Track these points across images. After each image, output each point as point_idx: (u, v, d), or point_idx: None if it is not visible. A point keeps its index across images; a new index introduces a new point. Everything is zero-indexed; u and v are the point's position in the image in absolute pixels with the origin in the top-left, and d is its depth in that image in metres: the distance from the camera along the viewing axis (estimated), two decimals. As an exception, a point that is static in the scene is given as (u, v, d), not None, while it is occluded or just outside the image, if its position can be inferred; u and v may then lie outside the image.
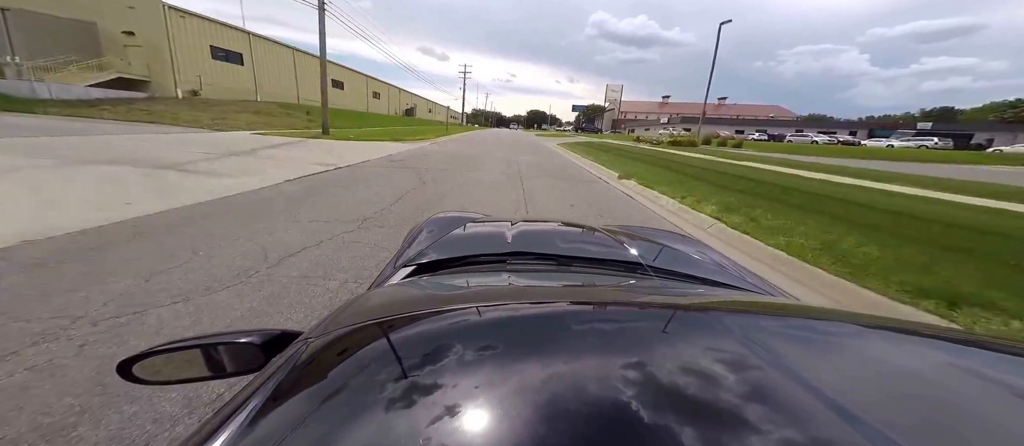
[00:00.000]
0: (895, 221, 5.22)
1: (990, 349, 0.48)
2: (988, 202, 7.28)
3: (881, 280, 3.11)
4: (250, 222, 3.94)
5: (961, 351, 0.48)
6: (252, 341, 0.59)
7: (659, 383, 0.35)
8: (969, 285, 3.00)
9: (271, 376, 0.41)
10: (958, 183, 10.28)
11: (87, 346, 1.86)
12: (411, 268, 0.97)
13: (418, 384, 0.35)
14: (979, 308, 2.64)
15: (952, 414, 0.34)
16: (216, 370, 0.62)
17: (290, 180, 6.35)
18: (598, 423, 0.30)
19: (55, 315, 2.08)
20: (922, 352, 0.45)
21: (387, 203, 5.29)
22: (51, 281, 2.45)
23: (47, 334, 1.92)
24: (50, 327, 1.98)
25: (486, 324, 0.48)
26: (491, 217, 1.63)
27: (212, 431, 0.33)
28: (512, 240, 1.11)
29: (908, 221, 5.25)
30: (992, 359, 0.47)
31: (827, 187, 8.69)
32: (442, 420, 0.30)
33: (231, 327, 2.13)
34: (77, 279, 2.49)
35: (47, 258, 2.78)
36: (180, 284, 2.52)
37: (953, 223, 5.18)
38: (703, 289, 0.85)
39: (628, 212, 6.22)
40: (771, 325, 0.52)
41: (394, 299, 0.67)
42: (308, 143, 12.80)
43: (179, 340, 0.61)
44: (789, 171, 12.47)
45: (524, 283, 0.81)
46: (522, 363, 0.39)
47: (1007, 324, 2.50)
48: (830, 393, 0.33)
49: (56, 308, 2.15)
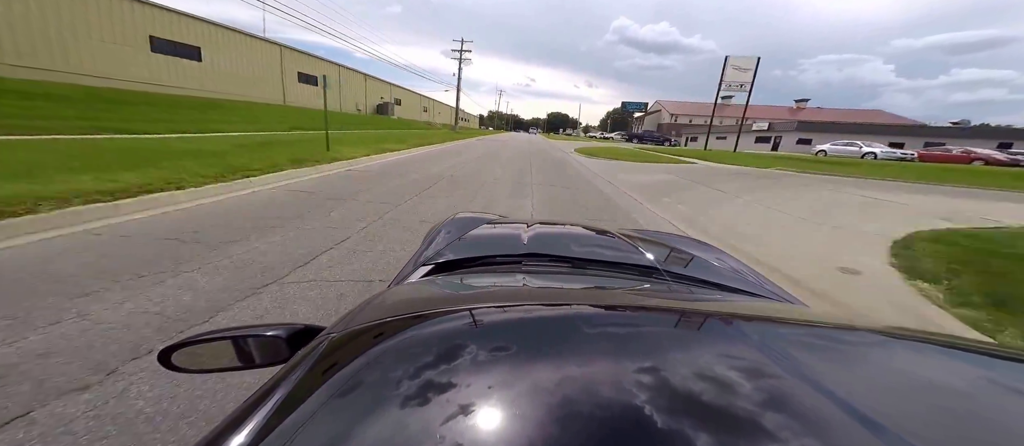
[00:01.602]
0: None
1: (1016, 361, 0.48)
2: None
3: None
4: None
5: (987, 363, 0.47)
6: (278, 334, 0.61)
7: (673, 388, 0.35)
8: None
9: (295, 368, 0.42)
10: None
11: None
12: (430, 267, 0.99)
13: (434, 382, 0.35)
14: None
15: (976, 426, 0.34)
16: (245, 361, 0.64)
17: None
18: (611, 427, 0.30)
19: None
20: (946, 363, 0.45)
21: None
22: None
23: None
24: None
25: (501, 324, 0.49)
26: (508, 218, 1.64)
27: (239, 420, 0.34)
28: (528, 242, 1.12)
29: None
30: (1019, 371, 0.46)
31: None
32: (457, 419, 0.30)
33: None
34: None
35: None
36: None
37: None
38: (720, 295, 0.85)
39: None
40: (790, 333, 0.52)
41: (412, 297, 0.68)
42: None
43: (212, 332, 0.64)
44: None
45: (539, 285, 0.81)
46: (536, 364, 0.39)
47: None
48: (851, 403, 0.32)
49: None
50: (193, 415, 1.58)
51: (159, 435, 1.48)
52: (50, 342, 1.99)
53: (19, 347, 1.94)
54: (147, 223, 3.93)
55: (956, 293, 3.21)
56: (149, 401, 1.64)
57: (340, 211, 4.92)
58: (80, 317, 2.21)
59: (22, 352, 1.90)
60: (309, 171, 7.59)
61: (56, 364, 1.82)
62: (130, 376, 1.78)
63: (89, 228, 3.62)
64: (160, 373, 1.82)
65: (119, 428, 1.50)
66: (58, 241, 3.30)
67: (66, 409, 1.57)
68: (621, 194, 8.14)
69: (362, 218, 4.65)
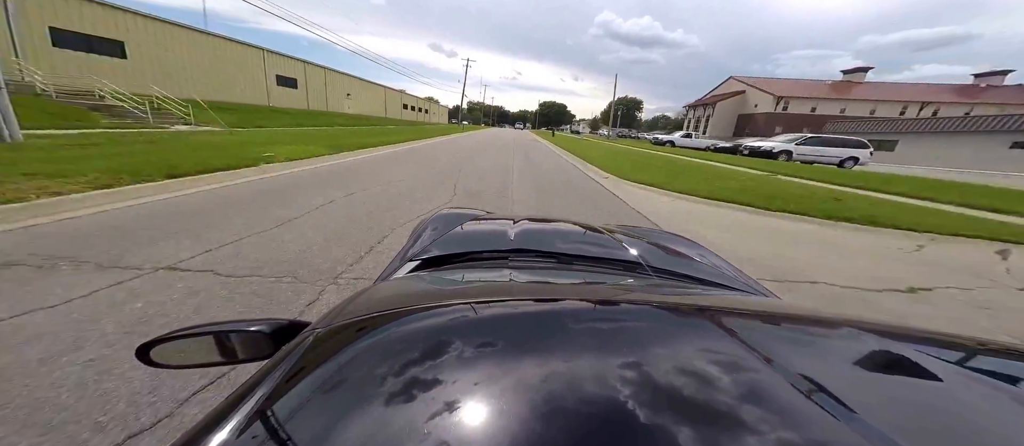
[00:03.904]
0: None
1: (989, 354, 0.49)
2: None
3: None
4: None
5: (959, 354, 0.48)
6: (262, 330, 0.60)
7: (658, 382, 0.35)
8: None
9: (278, 364, 0.41)
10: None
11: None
12: (416, 262, 0.98)
13: (420, 378, 0.35)
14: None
15: (950, 417, 0.35)
16: (228, 356, 0.63)
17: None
18: (596, 422, 0.30)
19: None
20: (919, 355, 0.45)
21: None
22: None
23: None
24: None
25: (488, 320, 0.49)
26: (495, 215, 1.64)
27: (221, 417, 0.33)
28: (515, 238, 1.12)
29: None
30: (991, 363, 0.48)
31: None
32: (443, 415, 0.30)
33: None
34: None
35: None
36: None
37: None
38: (701, 290, 0.86)
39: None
40: (768, 326, 0.53)
41: (399, 293, 0.67)
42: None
43: (193, 326, 0.62)
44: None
45: (525, 280, 0.81)
46: (523, 360, 0.39)
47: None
48: (827, 393, 0.33)
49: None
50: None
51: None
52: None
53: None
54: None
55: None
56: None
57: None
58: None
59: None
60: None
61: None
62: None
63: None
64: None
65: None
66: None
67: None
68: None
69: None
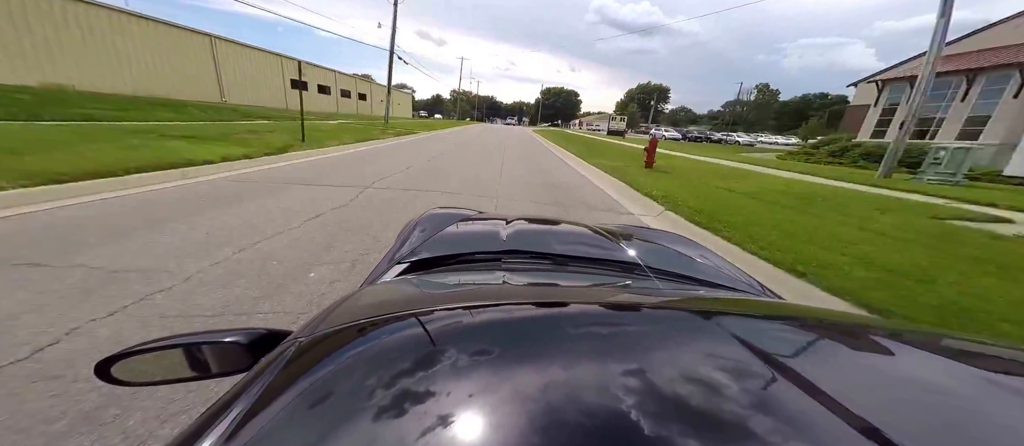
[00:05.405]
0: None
1: (992, 353, 0.49)
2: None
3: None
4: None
5: (967, 354, 0.48)
6: (238, 340, 0.57)
7: (659, 388, 0.34)
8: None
9: (258, 377, 0.39)
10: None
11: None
12: (405, 265, 0.95)
13: (410, 389, 0.33)
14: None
15: (955, 416, 0.34)
16: (200, 371, 0.59)
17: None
18: (599, 431, 0.29)
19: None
20: (924, 355, 0.45)
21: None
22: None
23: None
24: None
25: (480, 326, 0.47)
26: (486, 214, 1.61)
27: (196, 436, 0.32)
28: (507, 238, 1.10)
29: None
30: (998, 363, 0.47)
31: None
32: (436, 429, 0.29)
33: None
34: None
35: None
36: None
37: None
38: (702, 291, 0.85)
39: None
40: (771, 327, 0.52)
41: (387, 298, 0.65)
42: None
43: (159, 339, 0.57)
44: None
45: (519, 283, 0.79)
46: (520, 368, 0.38)
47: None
48: (831, 395, 0.32)
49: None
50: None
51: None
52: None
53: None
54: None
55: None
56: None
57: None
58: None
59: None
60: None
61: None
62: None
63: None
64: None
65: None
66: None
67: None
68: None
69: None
